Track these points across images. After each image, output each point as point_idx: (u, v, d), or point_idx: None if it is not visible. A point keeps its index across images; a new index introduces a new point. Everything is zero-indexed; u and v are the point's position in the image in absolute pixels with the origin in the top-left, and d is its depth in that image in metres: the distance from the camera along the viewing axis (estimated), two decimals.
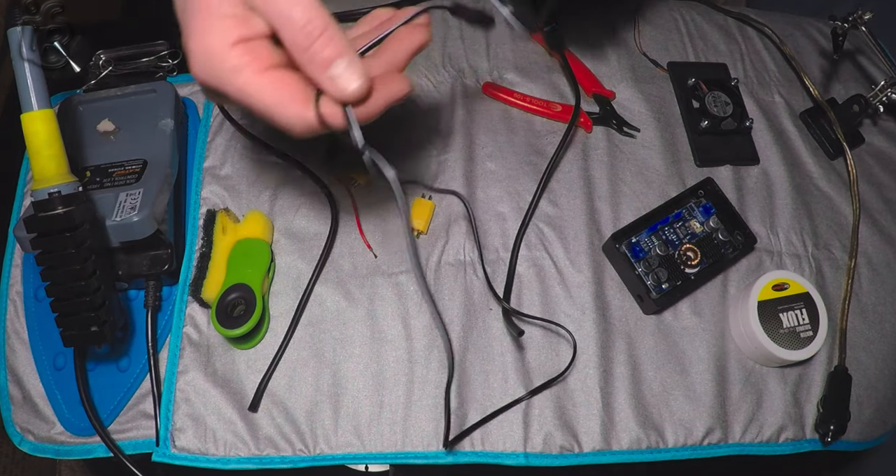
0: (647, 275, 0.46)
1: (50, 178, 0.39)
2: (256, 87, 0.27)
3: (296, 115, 0.28)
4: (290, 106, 0.28)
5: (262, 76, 0.27)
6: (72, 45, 0.54)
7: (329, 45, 0.27)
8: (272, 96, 0.27)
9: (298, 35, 0.27)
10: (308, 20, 0.27)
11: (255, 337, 0.44)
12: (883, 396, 0.49)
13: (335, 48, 0.27)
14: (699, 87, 0.55)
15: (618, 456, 0.44)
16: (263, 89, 0.27)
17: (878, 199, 0.55)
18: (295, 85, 0.28)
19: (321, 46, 0.27)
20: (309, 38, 0.27)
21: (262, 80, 0.27)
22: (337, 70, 0.27)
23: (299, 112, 0.28)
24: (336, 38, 0.27)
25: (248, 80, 0.27)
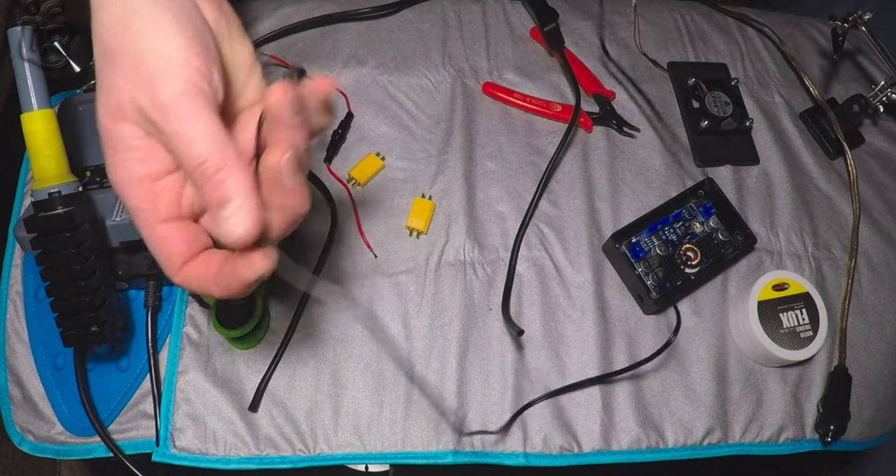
0: (647, 275, 0.46)
1: (50, 178, 0.39)
2: (147, 234, 0.27)
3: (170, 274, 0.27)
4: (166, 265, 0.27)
5: (154, 228, 0.27)
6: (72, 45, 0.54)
7: (222, 185, 0.25)
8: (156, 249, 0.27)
9: (196, 171, 0.25)
10: (205, 158, 0.25)
11: (255, 337, 0.44)
12: (883, 396, 0.49)
13: (229, 188, 0.25)
14: (699, 87, 0.55)
15: (618, 456, 0.44)
16: (151, 240, 0.27)
17: (878, 199, 0.55)
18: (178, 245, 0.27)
19: (213, 186, 0.25)
20: (204, 176, 0.25)
21: (153, 231, 0.27)
22: (227, 212, 0.25)
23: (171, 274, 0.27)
24: (232, 176, 0.25)
25: (142, 225, 0.27)
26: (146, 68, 0.25)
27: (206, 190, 0.25)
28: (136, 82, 0.25)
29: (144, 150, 0.26)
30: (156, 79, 0.25)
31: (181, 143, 0.25)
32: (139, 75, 0.25)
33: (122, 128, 0.26)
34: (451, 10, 0.58)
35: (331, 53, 0.55)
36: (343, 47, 0.55)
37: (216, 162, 0.25)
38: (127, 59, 0.26)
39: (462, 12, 0.58)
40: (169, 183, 0.27)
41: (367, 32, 0.56)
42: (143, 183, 0.27)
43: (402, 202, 0.49)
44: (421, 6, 0.58)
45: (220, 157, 0.25)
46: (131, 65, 0.26)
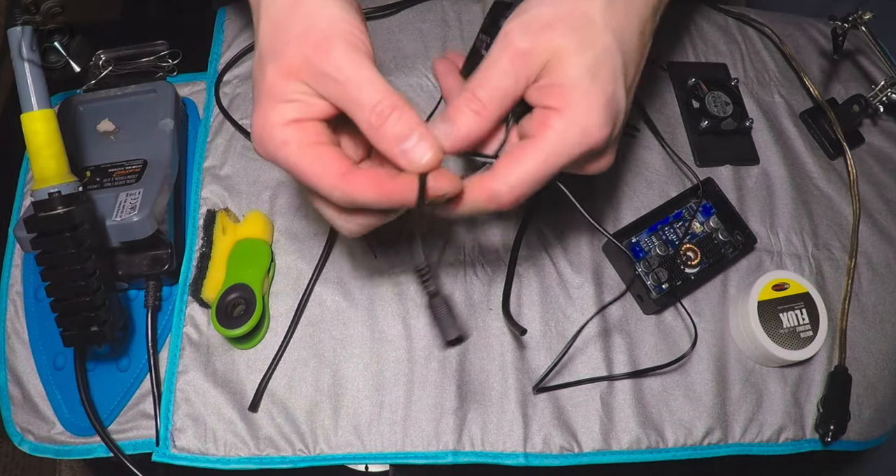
0: (647, 275, 0.46)
1: (50, 178, 0.39)
2: (297, 159, 0.29)
3: (331, 186, 0.29)
4: (326, 177, 0.29)
5: (305, 150, 0.29)
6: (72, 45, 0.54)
7: (399, 122, 0.29)
8: (312, 167, 0.29)
9: (371, 115, 0.29)
10: (378, 101, 0.29)
11: (255, 337, 0.44)
12: (883, 396, 0.49)
13: (406, 125, 0.29)
14: (699, 87, 0.55)
15: (618, 456, 0.44)
16: (304, 161, 0.29)
17: (878, 199, 0.55)
18: (335, 159, 0.30)
19: (392, 124, 0.29)
20: (380, 117, 0.29)
21: (305, 153, 0.29)
22: (409, 144, 0.29)
23: (335, 183, 0.29)
24: (406, 115, 0.29)
25: (291, 152, 0.29)
26: (319, 31, 0.29)
27: (385, 127, 0.29)
28: (310, 45, 0.29)
29: (302, 102, 0.30)
30: (330, 39, 0.29)
31: (355, 91, 0.29)
32: (313, 37, 0.29)
33: (290, 85, 0.29)
34: (451, 10, 0.58)
35: None
36: None
37: (391, 102, 0.29)
38: (300, 25, 0.30)
39: (462, 12, 0.58)
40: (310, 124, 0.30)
41: None
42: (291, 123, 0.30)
43: None
44: (421, 6, 0.58)
45: (391, 99, 0.29)
46: (304, 28, 0.29)
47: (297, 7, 0.30)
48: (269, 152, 0.30)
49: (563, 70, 0.30)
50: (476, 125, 0.31)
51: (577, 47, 0.30)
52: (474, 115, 0.31)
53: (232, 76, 0.54)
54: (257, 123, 0.30)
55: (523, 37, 0.31)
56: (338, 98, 0.29)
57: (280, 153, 0.30)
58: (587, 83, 0.30)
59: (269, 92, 0.30)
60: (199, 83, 0.54)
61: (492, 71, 0.31)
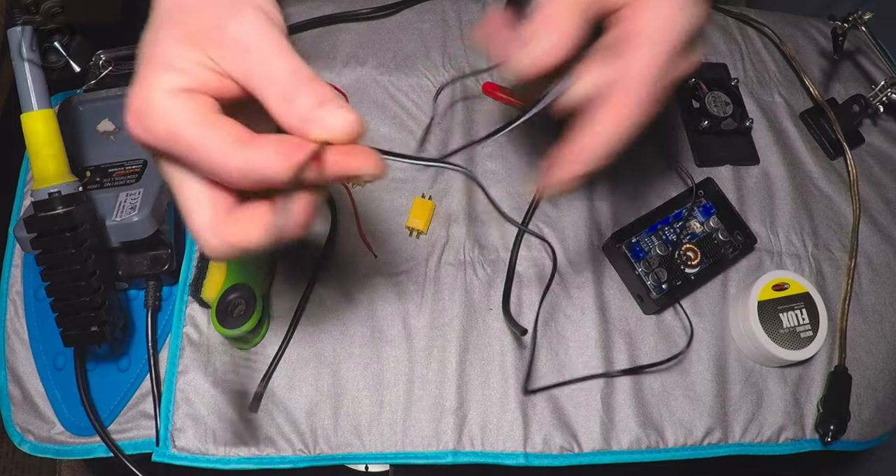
0: (647, 275, 0.46)
1: (50, 178, 0.39)
2: (186, 126, 0.25)
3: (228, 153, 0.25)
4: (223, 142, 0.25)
5: (197, 117, 0.25)
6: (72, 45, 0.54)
7: (315, 93, 0.26)
8: (204, 135, 0.25)
9: (286, 85, 0.26)
10: (293, 71, 0.26)
11: (255, 337, 0.44)
12: (883, 396, 0.49)
13: (323, 95, 0.26)
14: (699, 87, 0.55)
15: (618, 456, 0.44)
16: (194, 128, 0.25)
17: (878, 199, 0.55)
18: (234, 126, 0.26)
19: (307, 94, 0.26)
20: (294, 88, 0.26)
21: (194, 119, 0.25)
22: (326, 111, 0.26)
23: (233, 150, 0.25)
24: (323, 87, 0.26)
25: (178, 120, 0.25)
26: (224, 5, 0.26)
27: (300, 97, 0.26)
28: (219, 9, 0.26)
29: (197, 73, 0.26)
30: (240, 6, 0.26)
31: (268, 59, 0.26)
32: (220, 5, 0.26)
33: (185, 53, 0.26)
34: (451, 10, 0.58)
35: (331, 53, 0.55)
36: (343, 47, 0.55)
37: (307, 74, 0.26)
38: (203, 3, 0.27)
39: (462, 12, 0.58)
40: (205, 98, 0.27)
41: (367, 32, 0.56)
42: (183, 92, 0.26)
43: (402, 202, 0.49)
44: (421, 6, 0.58)
45: (306, 71, 0.26)
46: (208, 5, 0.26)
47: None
48: (147, 125, 0.25)
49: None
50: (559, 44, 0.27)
51: None
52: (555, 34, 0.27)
53: None
54: (137, 94, 0.26)
55: None
56: (244, 69, 0.26)
57: (161, 122, 0.25)
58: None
59: (159, 58, 0.26)
60: None
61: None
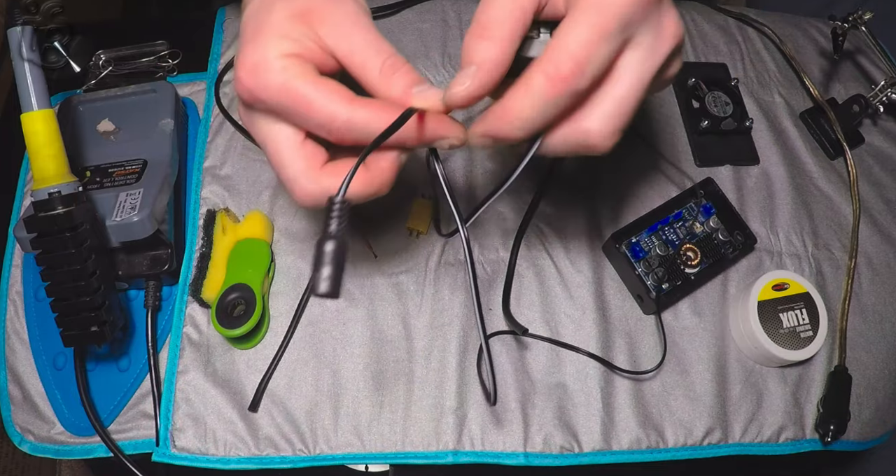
0: (647, 275, 0.46)
1: (50, 178, 0.39)
2: (300, 83, 0.28)
3: (337, 111, 0.28)
4: (333, 100, 0.28)
5: (308, 76, 0.28)
6: (72, 45, 0.54)
7: (411, 73, 0.29)
8: (316, 92, 0.28)
9: (384, 65, 0.29)
10: (391, 54, 0.29)
11: (255, 337, 0.44)
12: (883, 396, 0.49)
13: (417, 76, 0.29)
14: (699, 87, 0.55)
15: (618, 456, 0.44)
16: (307, 85, 0.28)
17: (878, 199, 0.55)
18: (340, 87, 0.28)
19: (405, 73, 0.29)
20: (393, 67, 0.29)
21: (307, 78, 0.28)
22: (421, 88, 0.29)
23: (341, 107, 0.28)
24: (415, 72, 0.29)
25: (291, 78, 0.28)
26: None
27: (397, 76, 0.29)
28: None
29: (301, 42, 0.29)
30: None
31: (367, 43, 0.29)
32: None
33: (295, 26, 0.29)
34: (451, 10, 0.58)
35: None
36: None
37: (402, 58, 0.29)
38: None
39: (462, 12, 0.58)
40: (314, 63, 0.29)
41: None
42: (294, 56, 0.28)
43: (402, 203, 0.49)
44: (421, 6, 0.58)
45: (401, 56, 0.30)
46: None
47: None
48: (261, 81, 0.28)
49: None
50: (494, 51, 0.27)
51: None
52: (487, 41, 0.27)
53: (232, 76, 0.54)
54: (249, 54, 0.28)
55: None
56: (347, 48, 0.29)
57: (277, 78, 0.28)
58: None
59: (273, 27, 0.29)
60: (199, 83, 0.54)
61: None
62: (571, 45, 0.26)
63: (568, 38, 0.26)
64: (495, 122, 0.29)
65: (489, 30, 0.27)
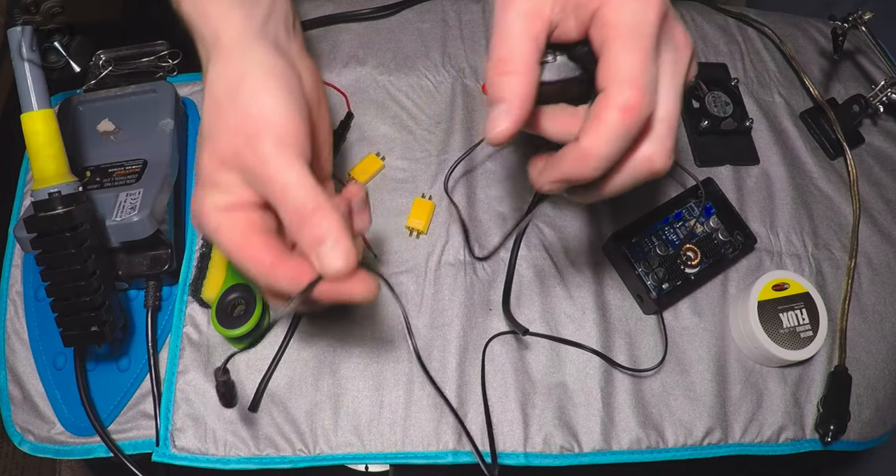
0: (647, 275, 0.46)
1: (50, 178, 0.39)
2: (228, 245, 0.31)
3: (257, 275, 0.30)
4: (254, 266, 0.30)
5: (236, 238, 0.31)
6: (72, 45, 0.54)
7: (318, 226, 0.29)
8: (241, 255, 0.30)
9: (292, 214, 0.29)
10: (301, 203, 0.29)
11: (255, 337, 0.44)
12: (883, 396, 0.49)
13: (325, 228, 0.29)
14: (699, 87, 0.55)
15: (618, 456, 0.44)
16: (234, 248, 0.30)
17: (878, 199, 0.55)
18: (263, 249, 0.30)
19: (312, 226, 0.29)
20: (301, 218, 0.29)
21: (235, 241, 0.31)
22: (324, 248, 0.29)
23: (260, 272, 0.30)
24: (327, 218, 0.29)
25: (224, 238, 0.31)
26: (252, 124, 0.30)
27: (304, 229, 0.29)
28: (241, 138, 0.30)
29: (235, 191, 0.31)
30: (260, 134, 0.30)
31: (279, 190, 0.29)
32: (245, 130, 0.30)
33: (221, 174, 0.31)
34: (451, 10, 0.58)
35: (331, 53, 0.55)
36: (343, 47, 0.55)
37: (314, 204, 0.29)
38: (235, 114, 0.30)
39: (462, 12, 0.58)
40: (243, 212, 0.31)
41: (367, 32, 0.56)
42: (225, 210, 0.31)
43: (402, 202, 0.49)
44: (421, 6, 0.58)
45: (315, 200, 0.29)
46: (239, 119, 0.30)
47: (236, 94, 0.31)
48: (205, 232, 0.31)
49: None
50: (520, 83, 0.28)
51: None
52: (511, 75, 0.28)
53: None
54: (195, 205, 0.32)
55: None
56: (264, 194, 0.30)
57: (215, 237, 0.31)
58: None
59: (205, 176, 0.31)
60: (199, 83, 0.54)
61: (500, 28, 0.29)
62: (629, 73, 0.27)
63: (621, 68, 0.27)
64: (574, 165, 0.28)
65: (510, 64, 0.28)
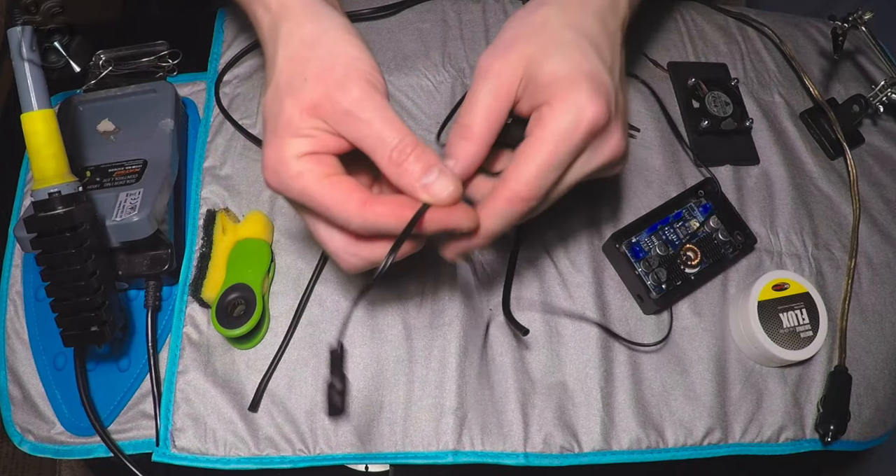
0: (647, 275, 0.46)
1: (50, 178, 0.39)
2: (316, 188, 0.30)
3: (352, 214, 0.30)
4: (348, 205, 0.30)
5: (323, 180, 0.30)
6: (72, 45, 0.54)
7: (420, 159, 0.30)
8: (332, 197, 0.30)
9: (393, 152, 0.30)
10: (400, 139, 0.30)
11: (255, 337, 0.44)
12: (883, 396, 0.49)
13: (426, 162, 0.30)
14: (699, 87, 0.55)
15: (618, 456, 0.44)
16: (323, 190, 0.30)
17: (878, 199, 0.55)
18: (355, 188, 0.31)
19: (414, 161, 0.30)
20: (402, 154, 0.30)
21: (323, 183, 0.30)
22: (430, 178, 0.30)
23: (356, 211, 0.30)
24: (426, 153, 0.30)
25: (309, 183, 0.30)
26: (341, 71, 0.31)
27: (407, 164, 0.30)
28: (331, 84, 0.30)
29: (316, 137, 0.31)
30: (351, 79, 0.30)
31: (378, 129, 0.30)
32: (334, 77, 0.31)
33: (308, 120, 0.31)
34: (451, 10, 0.58)
35: None
36: None
37: (411, 140, 0.30)
38: (319, 63, 0.31)
39: (462, 12, 0.58)
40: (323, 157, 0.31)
41: (367, 32, 0.56)
42: (305, 156, 0.31)
43: None
44: (421, 6, 0.58)
45: (411, 137, 0.30)
46: (325, 68, 0.31)
47: (316, 45, 0.32)
48: (283, 182, 0.31)
49: (539, 71, 0.32)
50: (472, 150, 0.32)
51: (542, 49, 0.32)
52: (467, 141, 0.32)
53: (232, 76, 0.54)
54: (271, 155, 0.31)
55: (491, 60, 0.33)
56: (357, 136, 0.30)
57: (296, 184, 0.31)
58: (564, 70, 0.31)
59: (287, 125, 0.31)
60: (199, 83, 0.54)
61: (472, 98, 0.33)
62: (527, 175, 0.31)
63: (526, 167, 0.31)
64: (469, 243, 0.34)
65: (470, 132, 0.32)
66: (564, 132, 0.31)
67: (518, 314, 0.46)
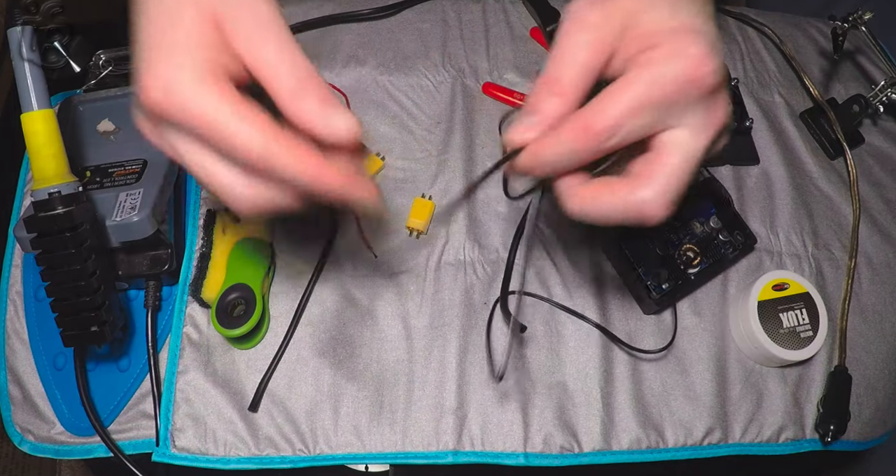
0: (647, 275, 0.46)
1: (50, 178, 0.39)
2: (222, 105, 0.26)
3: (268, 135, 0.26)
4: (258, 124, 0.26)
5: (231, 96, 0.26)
6: (72, 45, 0.54)
7: (319, 91, 0.27)
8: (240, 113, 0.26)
9: (293, 79, 0.27)
10: (306, 65, 0.27)
11: (255, 337, 0.44)
12: (883, 396, 0.49)
13: (324, 94, 0.27)
14: None
15: (618, 456, 0.44)
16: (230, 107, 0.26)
17: (878, 199, 0.55)
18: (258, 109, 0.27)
19: (317, 89, 0.27)
20: (303, 81, 0.27)
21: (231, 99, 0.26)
22: (331, 111, 0.27)
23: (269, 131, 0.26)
24: (325, 87, 0.27)
25: (213, 99, 0.26)
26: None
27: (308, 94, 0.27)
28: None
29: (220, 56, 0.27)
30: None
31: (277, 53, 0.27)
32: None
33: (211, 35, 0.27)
34: (451, 10, 0.58)
35: (331, 53, 0.55)
36: (343, 47, 0.55)
37: (312, 69, 0.27)
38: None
39: (462, 12, 0.58)
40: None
41: (367, 32, 0.56)
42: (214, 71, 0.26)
43: (402, 202, 0.49)
44: (421, 6, 0.58)
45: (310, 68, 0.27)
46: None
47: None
48: (175, 102, 0.26)
49: (639, 21, 0.28)
50: (560, 107, 0.28)
51: (648, 4, 0.28)
52: (556, 97, 0.28)
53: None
54: (161, 67, 0.26)
55: (588, 10, 0.29)
56: (257, 58, 0.27)
57: (196, 101, 0.26)
58: (674, 23, 0.28)
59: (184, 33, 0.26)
60: None
61: (564, 49, 0.29)
62: (610, 110, 0.27)
63: (609, 102, 0.28)
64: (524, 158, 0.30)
65: (559, 86, 0.28)
66: (667, 74, 0.27)
67: (518, 314, 0.46)
